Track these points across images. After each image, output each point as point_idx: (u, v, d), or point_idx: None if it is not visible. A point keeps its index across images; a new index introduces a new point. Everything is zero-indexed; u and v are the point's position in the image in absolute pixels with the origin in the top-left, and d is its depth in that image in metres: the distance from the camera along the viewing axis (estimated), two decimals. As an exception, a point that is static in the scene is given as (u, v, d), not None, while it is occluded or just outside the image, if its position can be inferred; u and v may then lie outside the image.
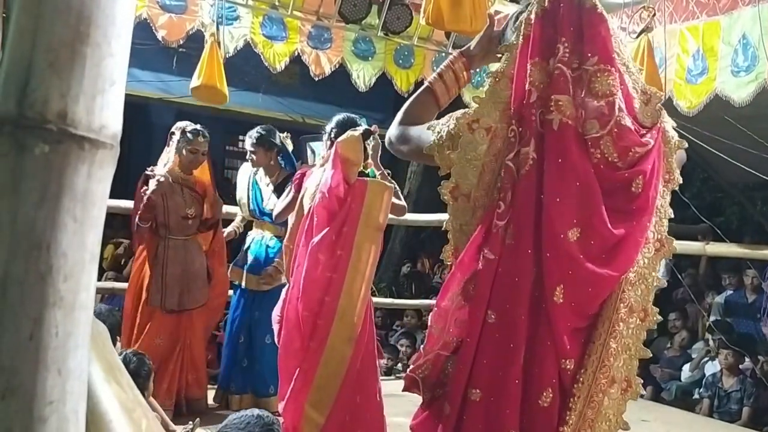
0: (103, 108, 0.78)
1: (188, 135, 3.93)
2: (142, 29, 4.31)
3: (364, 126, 3.05)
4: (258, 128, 4.13)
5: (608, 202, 1.40)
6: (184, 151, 3.94)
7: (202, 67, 4.11)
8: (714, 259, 6.29)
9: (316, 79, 4.98)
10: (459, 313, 1.46)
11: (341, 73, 5.03)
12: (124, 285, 5.95)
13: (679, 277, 6.03)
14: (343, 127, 3.10)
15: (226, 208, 4.37)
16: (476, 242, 1.45)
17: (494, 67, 1.53)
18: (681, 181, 1.54)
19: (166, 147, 4.07)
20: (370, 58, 5.09)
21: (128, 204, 4.84)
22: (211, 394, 4.12)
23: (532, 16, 1.46)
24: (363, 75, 5.07)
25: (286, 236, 3.25)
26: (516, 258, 1.40)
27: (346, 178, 2.84)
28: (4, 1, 3.19)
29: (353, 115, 3.27)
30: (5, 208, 0.74)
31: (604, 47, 1.41)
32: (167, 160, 4.02)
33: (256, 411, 2.00)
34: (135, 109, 7.83)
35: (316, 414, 2.80)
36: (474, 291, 1.43)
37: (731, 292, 6.04)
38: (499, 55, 1.56)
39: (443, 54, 5.24)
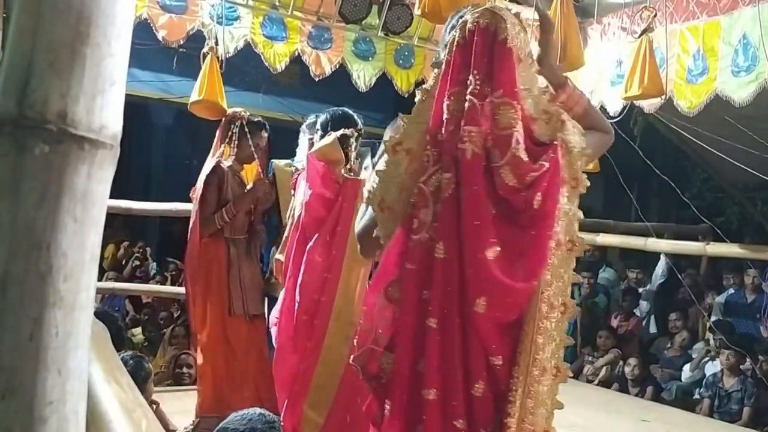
0: (103, 108, 0.78)
1: (252, 127, 3.63)
2: (143, 29, 4.30)
3: (342, 130, 2.94)
4: (329, 111, 3.36)
5: (516, 220, 1.58)
6: (244, 144, 3.58)
7: (203, 82, 4.02)
8: (714, 260, 6.29)
9: (317, 79, 4.97)
10: (384, 312, 1.65)
11: (341, 73, 5.03)
12: (124, 285, 5.98)
13: (680, 277, 6.03)
14: (341, 122, 3.02)
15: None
16: (395, 251, 1.65)
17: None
18: (588, 184, 1.65)
19: (219, 137, 3.68)
20: (370, 59, 5.09)
21: (129, 204, 4.83)
22: None
23: (455, 43, 1.61)
24: (363, 75, 5.07)
25: (278, 249, 3.19)
26: (449, 272, 1.58)
27: (335, 178, 2.83)
28: (4, 1, 3.19)
29: (348, 111, 3.10)
30: (5, 208, 0.74)
31: (509, 81, 1.56)
32: (221, 152, 3.63)
33: (257, 409, 2.00)
34: (135, 109, 7.84)
35: (315, 414, 2.79)
36: (400, 295, 1.62)
37: (732, 292, 6.04)
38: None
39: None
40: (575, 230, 1.64)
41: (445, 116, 1.59)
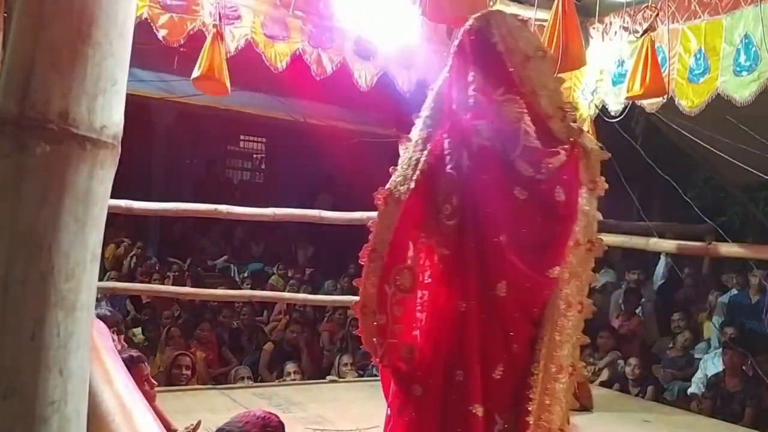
0: (104, 108, 0.78)
1: None
2: (143, 29, 4.29)
3: None
4: None
5: (538, 210, 1.64)
6: None
7: (203, 58, 4.02)
8: (716, 260, 6.28)
9: (318, 78, 4.96)
10: (396, 303, 1.75)
11: (343, 72, 5.02)
12: (124, 285, 5.96)
13: (681, 277, 6.02)
14: None
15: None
16: (408, 238, 1.75)
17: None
18: (606, 187, 1.70)
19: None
20: (371, 58, 5.08)
21: (129, 204, 4.81)
22: None
23: (455, 46, 1.76)
24: (364, 75, 5.06)
25: None
26: (471, 257, 1.65)
27: None
28: (4, 1, 3.19)
29: None
30: (7, 208, 0.74)
31: (506, 80, 1.65)
32: None
33: (259, 411, 1.97)
34: (136, 108, 7.83)
35: None
36: (411, 283, 1.73)
37: (735, 292, 6.03)
38: None
39: (444, 54, 5.23)
40: (594, 231, 1.69)
41: (453, 106, 1.70)
